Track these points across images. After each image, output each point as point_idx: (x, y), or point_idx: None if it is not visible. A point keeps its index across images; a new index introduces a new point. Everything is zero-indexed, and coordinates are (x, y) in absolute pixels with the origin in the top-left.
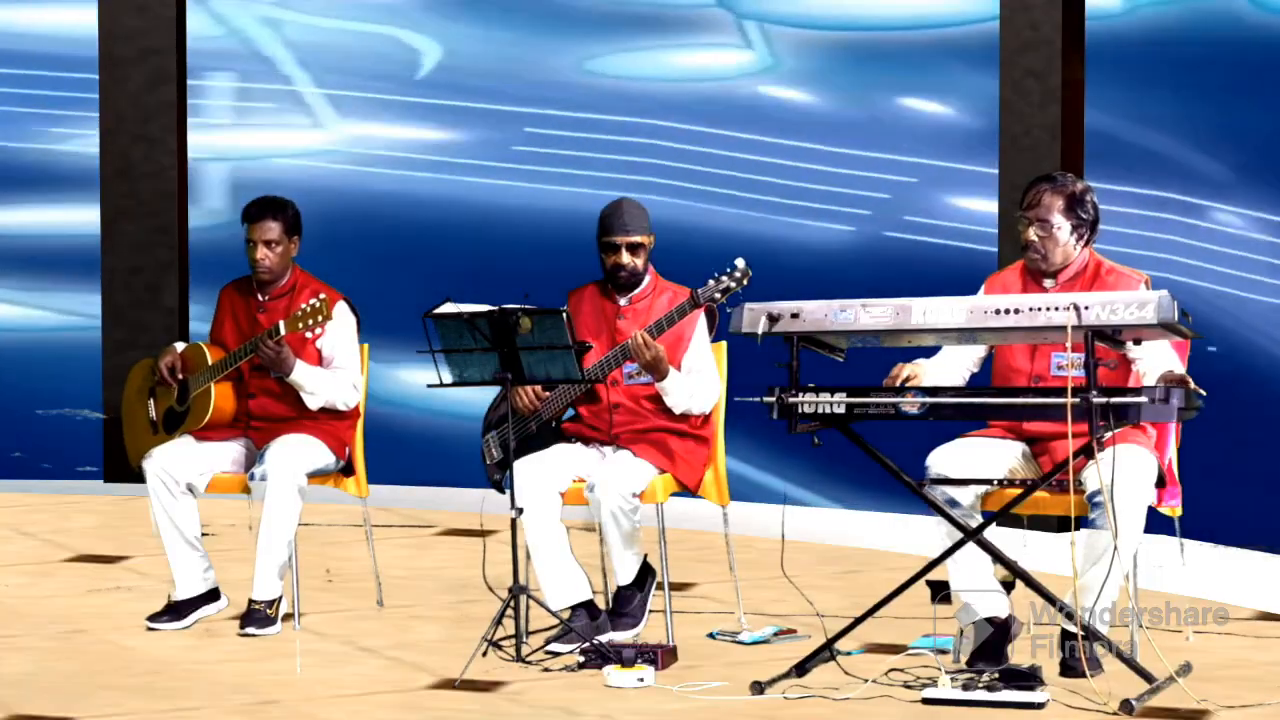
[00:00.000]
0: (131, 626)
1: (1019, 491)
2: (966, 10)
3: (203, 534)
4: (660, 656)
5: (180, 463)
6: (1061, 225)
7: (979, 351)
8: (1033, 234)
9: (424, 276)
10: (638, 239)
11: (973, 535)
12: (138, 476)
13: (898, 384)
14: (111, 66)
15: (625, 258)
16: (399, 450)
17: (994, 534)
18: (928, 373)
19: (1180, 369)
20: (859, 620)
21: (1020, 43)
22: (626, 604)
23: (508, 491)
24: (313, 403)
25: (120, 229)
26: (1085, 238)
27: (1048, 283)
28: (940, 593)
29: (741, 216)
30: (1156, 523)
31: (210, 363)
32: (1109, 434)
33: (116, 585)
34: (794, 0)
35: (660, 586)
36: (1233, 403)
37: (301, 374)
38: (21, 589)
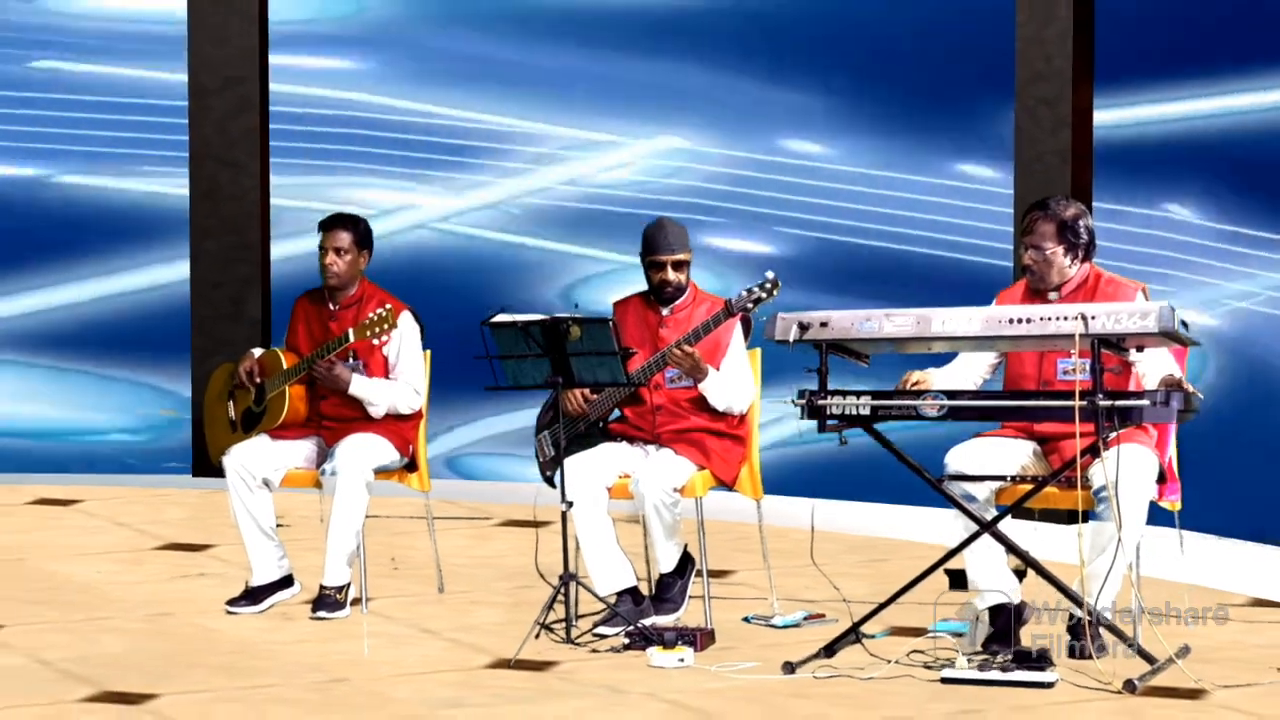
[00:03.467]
0: (215, 610)
1: (1030, 487)
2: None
3: (277, 525)
4: (699, 639)
5: (257, 459)
6: (1055, 249)
7: (991, 358)
8: (1030, 259)
9: None
10: (681, 256)
11: (988, 527)
12: (219, 471)
13: (907, 388)
14: (200, 96)
15: (670, 274)
16: None
17: (1007, 526)
18: (936, 381)
19: (1179, 374)
20: (883, 605)
21: (1033, 73)
22: (668, 590)
23: (559, 486)
24: (375, 412)
25: (205, 249)
26: (1080, 256)
27: (1052, 295)
28: (958, 580)
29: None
30: (1157, 516)
31: (285, 367)
32: (1113, 434)
33: (200, 572)
34: None
35: (699, 574)
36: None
37: (359, 387)
38: (115, 575)
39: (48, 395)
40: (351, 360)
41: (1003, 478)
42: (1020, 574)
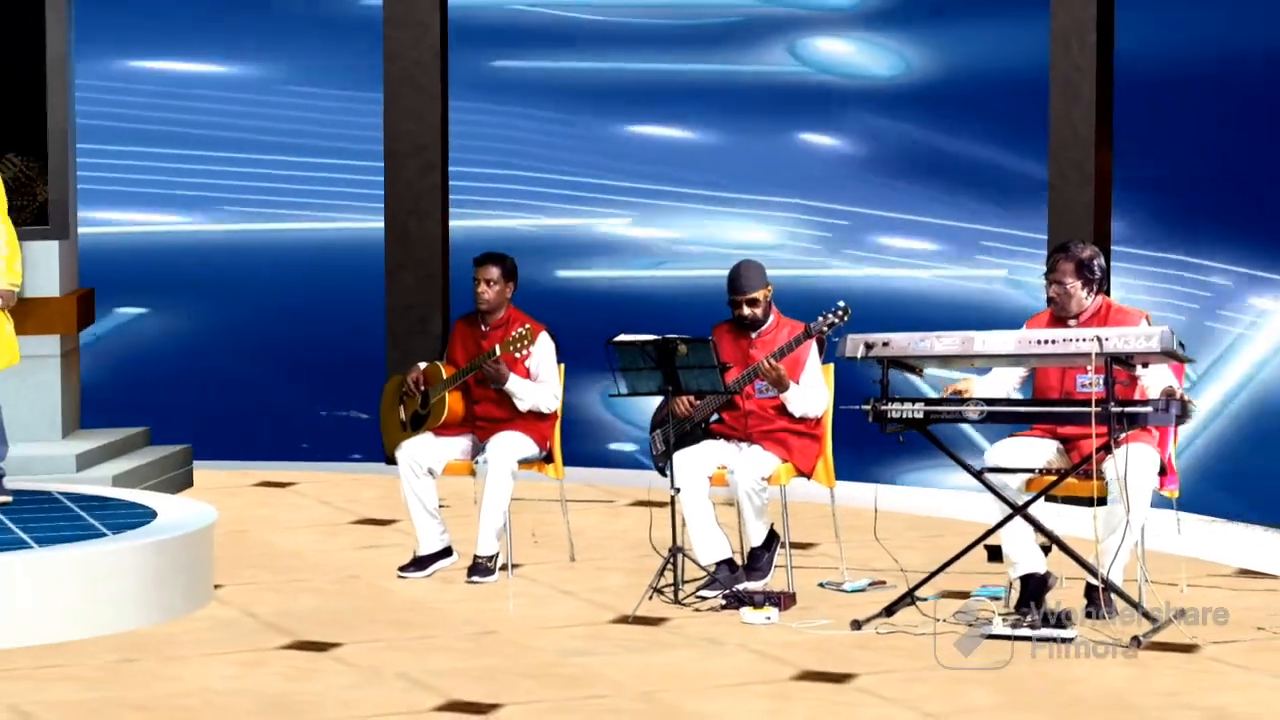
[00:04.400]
0: (392, 575)
1: (1054, 478)
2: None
3: (439, 506)
4: (783, 600)
5: (423, 452)
6: (1074, 284)
7: (1022, 372)
8: (1053, 292)
9: None
10: (754, 295)
11: (1020, 510)
12: (394, 462)
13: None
14: (394, 157)
15: (746, 310)
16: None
17: (1036, 509)
18: (977, 386)
19: (1177, 386)
20: (933, 574)
21: (1062, 142)
22: (757, 560)
23: (669, 475)
24: (521, 406)
25: (399, 279)
26: (1095, 290)
27: (1071, 321)
28: (995, 554)
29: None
30: (1159, 502)
31: (444, 377)
32: (1122, 435)
33: (374, 545)
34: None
35: (782, 547)
36: None
37: (513, 384)
38: (315, 544)
39: (273, 396)
40: (503, 366)
41: (1031, 470)
42: (1046, 549)
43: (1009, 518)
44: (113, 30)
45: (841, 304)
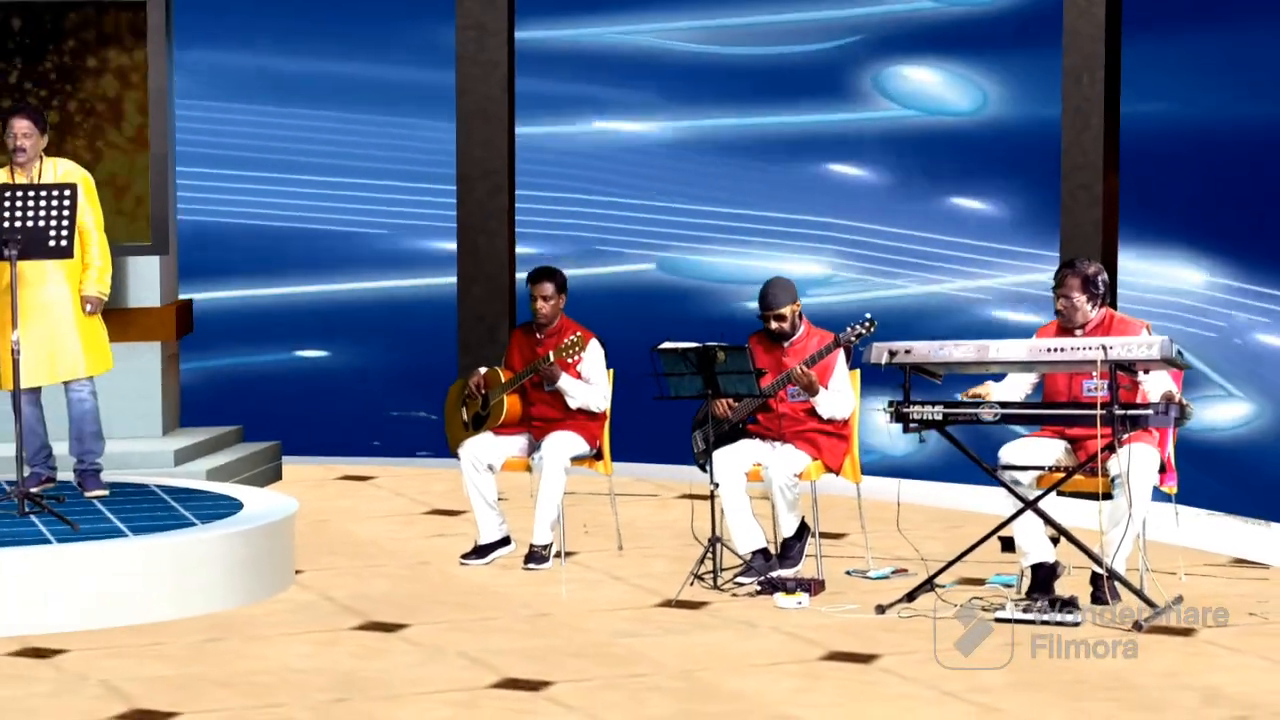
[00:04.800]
0: (457, 562)
1: (1063, 474)
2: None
3: (499, 498)
4: (813, 586)
5: (484, 450)
6: (1080, 298)
7: (1033, 378)
8: (1061, 305)
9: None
10: (782, 311)
11: (1031, 505)
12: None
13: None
14: (465, 181)
15: (774, 324)
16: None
17: (1046, 504)
18: (994, 391)
19: (1176, 390)
20: (951, 563)
21: (1073, 166)
22: (789, 550)
23: (709, 472)
24: (572, 404)
25: (470, 295)
26: (1099, 302)
27: (1077, 332)
28: (1008, 545)
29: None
30: (1158, 497)
31: (503, 381)
32: (1125, 435)
33: (442, 534)
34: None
35: (813, 537)
36: None
37: (565, 383)
38: (390, 533)
39: (356, 398)
40: (556, 367)
41: (1042, 468)
42: (1055, 540)
43: (1021, 511)
44: (211, 66)
45: (868, 316)
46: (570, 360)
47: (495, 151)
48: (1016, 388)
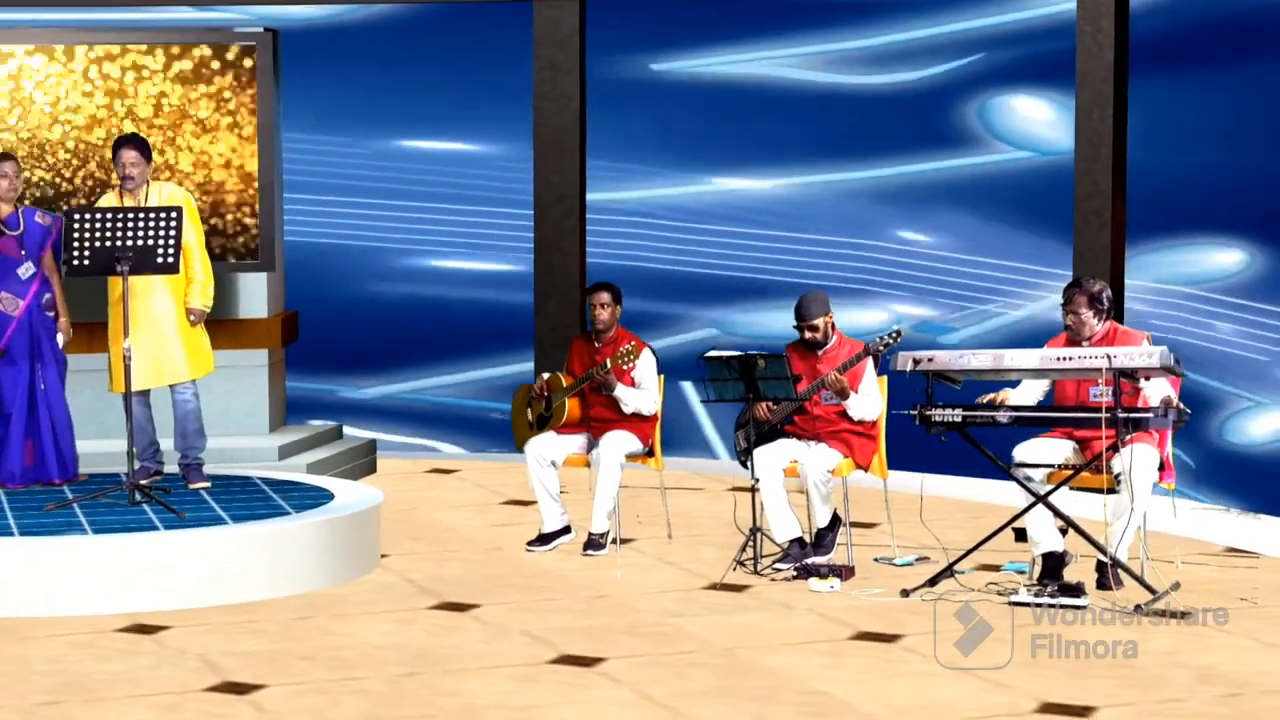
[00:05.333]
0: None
1: (1071, 472)
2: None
3: (560, 491)
4: (844, 572)
5: (547, 447)
6: (1087, 313)
7: (1044, 384)
8: (1069, 320)
9: None
10: (815, 322)
11: (1042, 499)
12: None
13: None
14: (544, 206)
15: (808, 334)
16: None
17: (1056, 498)
18: (1011, 397)
19: (1174, 395)
20: (969, 551)
21: (1085, 194)
22: (823, 539)
23: (750, 468)
24: (626, 409)
25: (545, 308)
26: (1104, 316)
27: (1085, 344)
28: (1021, 535)
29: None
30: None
31: (564, 385)
32: (1128, 436)
33: (513, 523)
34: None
35: (844, 528)
36: None
37: (620, 391)
38: (468, 521)
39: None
40: (611, 376)
41: (1052, 465)
42: (1063, 531)
43: (1033, 505)
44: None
45: (895, 328)
46: (625, 367)
47: (567, 179)
48: (1029, 393)
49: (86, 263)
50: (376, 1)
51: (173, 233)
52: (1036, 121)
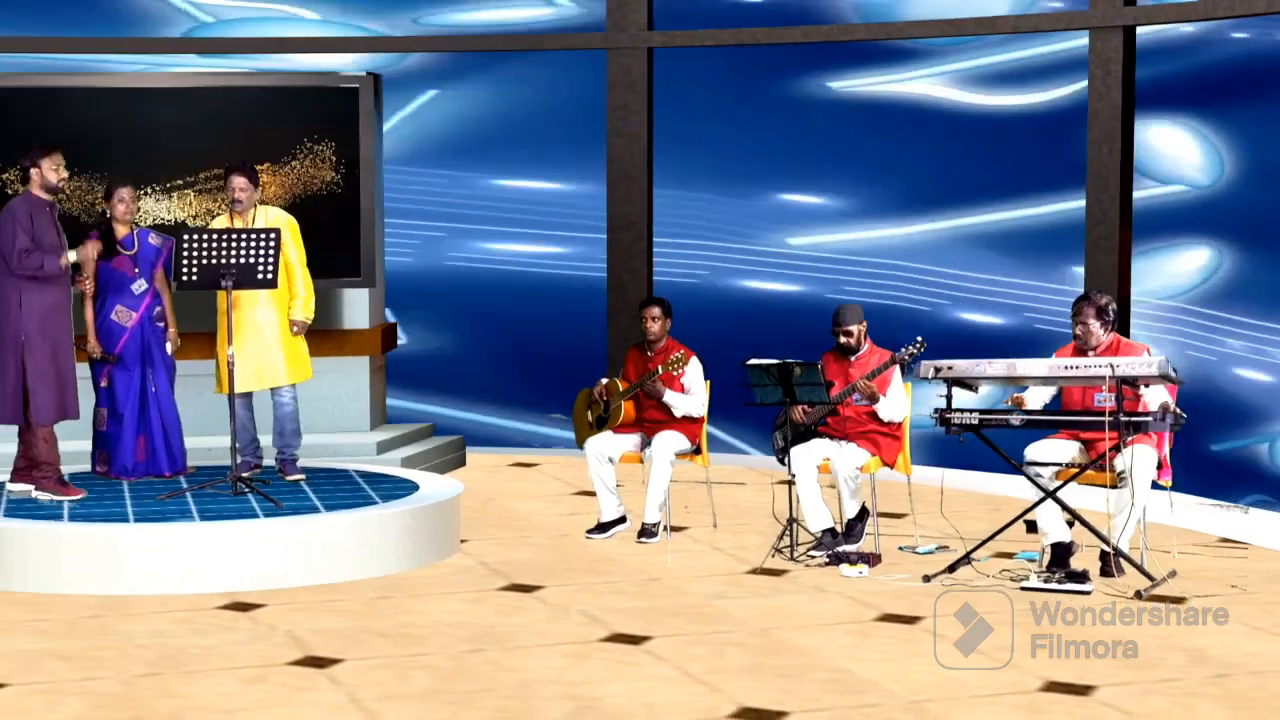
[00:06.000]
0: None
1: (1077, 470)
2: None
3: (617, 485)
4: (872, 559)
5: (605, 445)
6: (1094, 324)
7: (1053, 390)
8: (1078, 330)
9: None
10: (850, 328)
11: (1051, 494)
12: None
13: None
14: (614, 230)
15: (843, 339)
16: None
17: (1064, 494)
18: (1027, 401)
19: (1171, 401)
20: (984, 541)
21: (1095, 220)
22: (853, 529)
23: (787, 464)
24: (676, 412)
25: (617, 321)
26: (1110, 328)
27: (1090, 353)
28: (1032, 527)
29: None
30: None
31: (620, 390)
32: (1129, 438)
33: (580, 513)
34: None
35: (872, 519)
36: None
37: (669, 397)
38: (542, 510)
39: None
40: (660, 384)
41: (1059, 464)
42: (1070, 523)
43: (1042, 499)
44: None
45: (920, 338)
46: (675, 374)
47: (637, 207)
48: (1036, 398)
49: (195, 278)
50: (470, 50)
51: (272, 252)
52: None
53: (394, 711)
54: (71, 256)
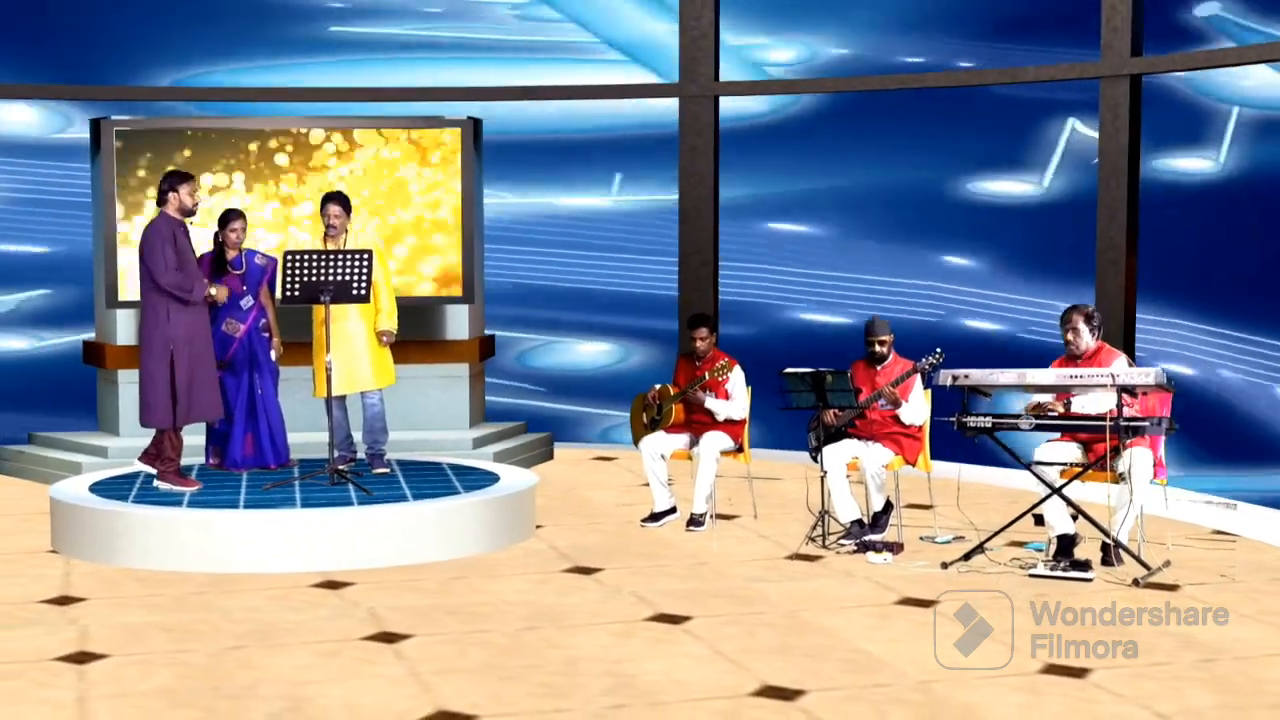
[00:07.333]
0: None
1: (1081, 469)
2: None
3: (669, 480)
4: (895, 548)
5: (658, 444)
6: (1083, 331)
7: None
8: (1069, 335)
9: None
10: (882, 338)
11: (1057, 491)
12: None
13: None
14: (684, 256)
15: (877, 348)
16: None
17: (1069, 490)
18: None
19: (1165, 408)
20: (996, 533)
21: (1104, 246)
22: (879, 520)
23: (819, 462)
24: (718, 418)
25: (687, 332)
26: (1097, 334)
27: (1079, 357)
28: (1039, 520)
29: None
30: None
31: (671, 394)
32: (1128, 440)
33: (632, 503)
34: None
35: (896, 511)
36: None
37: (710, 404)
38: (613, 500)
39: (611, 401)
40: (704, 391)
41: (1065, 463)
42: (1074, 517)
43: (1049, 495)
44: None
45: (939, 349)
46: (720, 380)
47: (704, 236)
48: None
49: (296, 293)
50: (555, 99)
51: (365, 271)
52: None
53: (448, 685)
54: (212, 291)
